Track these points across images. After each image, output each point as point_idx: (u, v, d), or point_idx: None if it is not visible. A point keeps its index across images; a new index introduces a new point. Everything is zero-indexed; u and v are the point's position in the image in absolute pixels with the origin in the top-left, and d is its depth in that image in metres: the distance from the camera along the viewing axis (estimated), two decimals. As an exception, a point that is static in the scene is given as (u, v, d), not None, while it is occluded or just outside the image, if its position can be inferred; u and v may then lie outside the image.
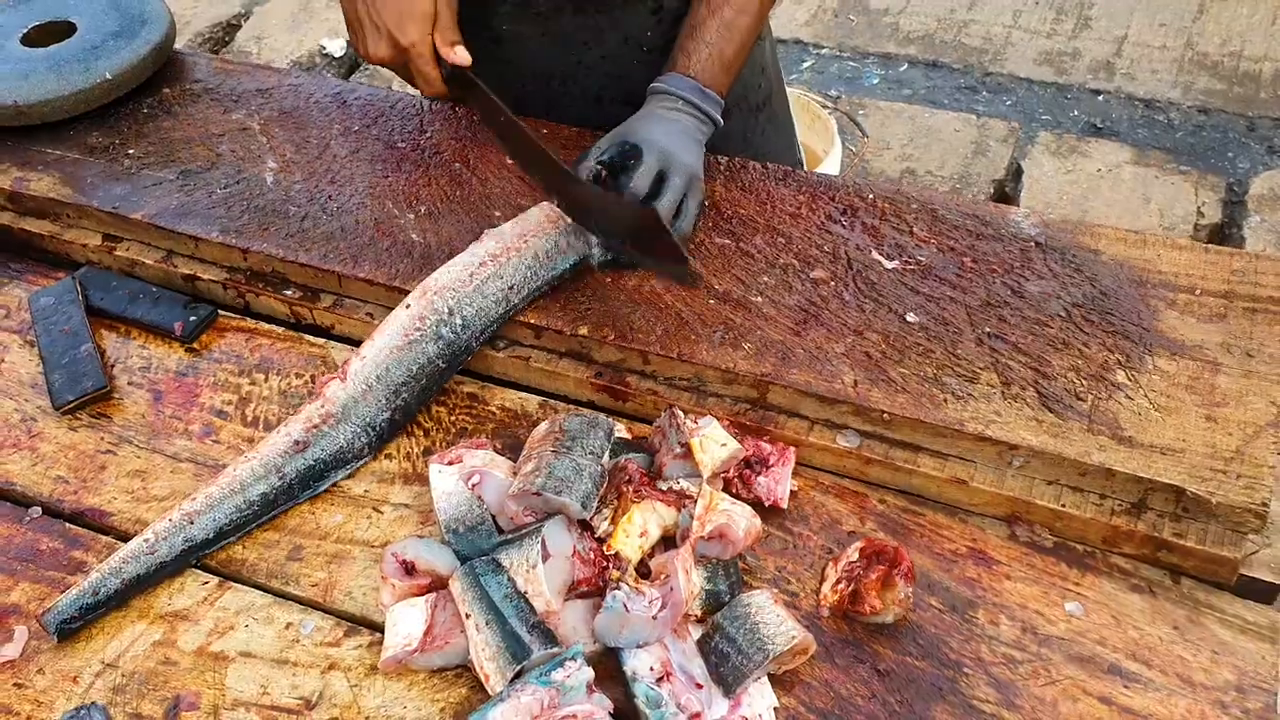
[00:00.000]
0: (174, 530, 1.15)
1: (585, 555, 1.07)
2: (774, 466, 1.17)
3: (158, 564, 1.13)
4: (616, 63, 1.55)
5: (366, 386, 1.25)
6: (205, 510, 1.16)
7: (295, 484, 1.20)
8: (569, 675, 0.97)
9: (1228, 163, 3.29)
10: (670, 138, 1.37)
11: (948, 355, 1.23)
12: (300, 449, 1.21)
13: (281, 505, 1.20)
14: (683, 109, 1.41)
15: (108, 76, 1.64)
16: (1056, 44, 3.80)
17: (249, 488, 1.18)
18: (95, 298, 1.44)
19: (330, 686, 1.04)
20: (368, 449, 1.24)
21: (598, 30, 1.54)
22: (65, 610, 1.09)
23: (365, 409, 1.24)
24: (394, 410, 1.25)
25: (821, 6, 4.08)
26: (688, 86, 1.41)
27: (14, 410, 1.33)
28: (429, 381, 1.27)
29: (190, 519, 1.16)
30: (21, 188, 1.55)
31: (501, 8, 1.54)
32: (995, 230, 1.38)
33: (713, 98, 1.42)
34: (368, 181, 1.51)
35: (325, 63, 4.00)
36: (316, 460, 1.21)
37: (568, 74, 1.59)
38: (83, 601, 1.10)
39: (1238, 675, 1.01)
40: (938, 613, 1.07)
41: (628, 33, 1.51)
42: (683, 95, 1.41)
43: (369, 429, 1.24)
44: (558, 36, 1.56)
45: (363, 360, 1.26)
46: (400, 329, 1.27)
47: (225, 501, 1.17)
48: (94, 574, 1.11)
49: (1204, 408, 1.15)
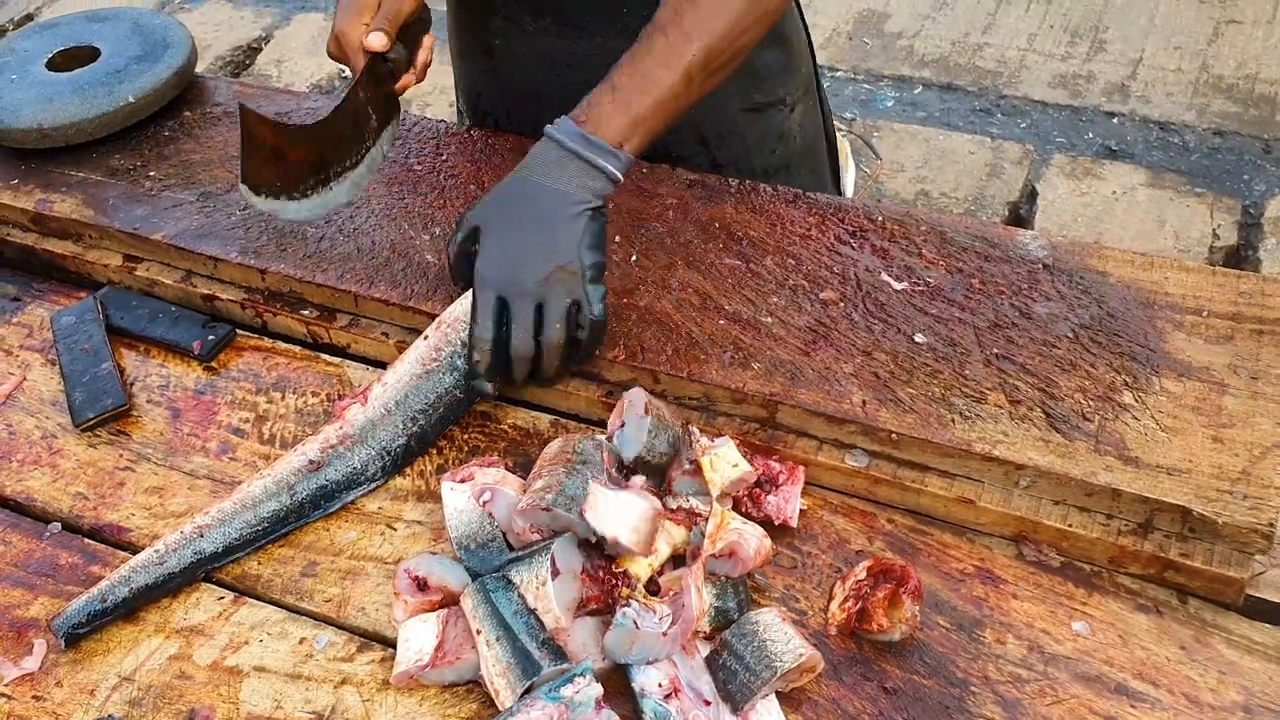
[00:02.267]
0: (184, 542, 1.17)
1: (594, 573, 1.08)
2: (783, 485, 1.18)
3: (166, 575, 1.15)
4: None
5: (386, 411, 1.26)
6: (216, 525, 1.18)
7: (306, 503, 1.22)
8: (578, 691, 0.98)
9: (1243, 185, 3.29)
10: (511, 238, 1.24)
11: (956, 376, 1.24)
12: (314, 469, 1.23)
13: (291, 524, 1.21)
14: (558, 160, 1.25)
15: (130, 100, 1.67)
16: (1071, 67, 3.81)
17: (260, 505, 1.20)
18: (115, 317, 1.47)
19: (343, 701, 1.05)
20: (381, 473, 1.25)
21: (581, 55, 1.54)
22: (73, 616, 1.11)
23: (383, 433, 1.25)
24: (410, 436, 1.27)
25: (836, 29, 4.11)
26: (571, 133, 1.25)
27: (35, 427, 1.35)
28: (446, 411, 1.29)
29: (200, 532, 1.17)
30: (45, 209, 1.58)
31: (493, 22, 1.57)
32: (1003, 252, 1.39)
33: (601, 145, 1.24)
34: (384, 203, 1.54)
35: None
36: (329, 481, 1.23)
37: (554, 94, 1.57)
38: (91, 608, 1.12)
39: (1245, 696, 1.01)
40: (945, 631, 1.08)
41: (608, 60, 1.47)
42: (564, 143, 1.25)
43: (385, 453, 1.25)
44: (544, 56, 1.57)
45: (384, 386, 1.28)
46: (419, 358, 1.29)
47: (236, 517, 1.19)
48: (103, 582, 1.13)
49: (1210, 429, 1.16)
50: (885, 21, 4.12)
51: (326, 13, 4.46)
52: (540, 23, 1.55)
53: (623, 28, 1.49)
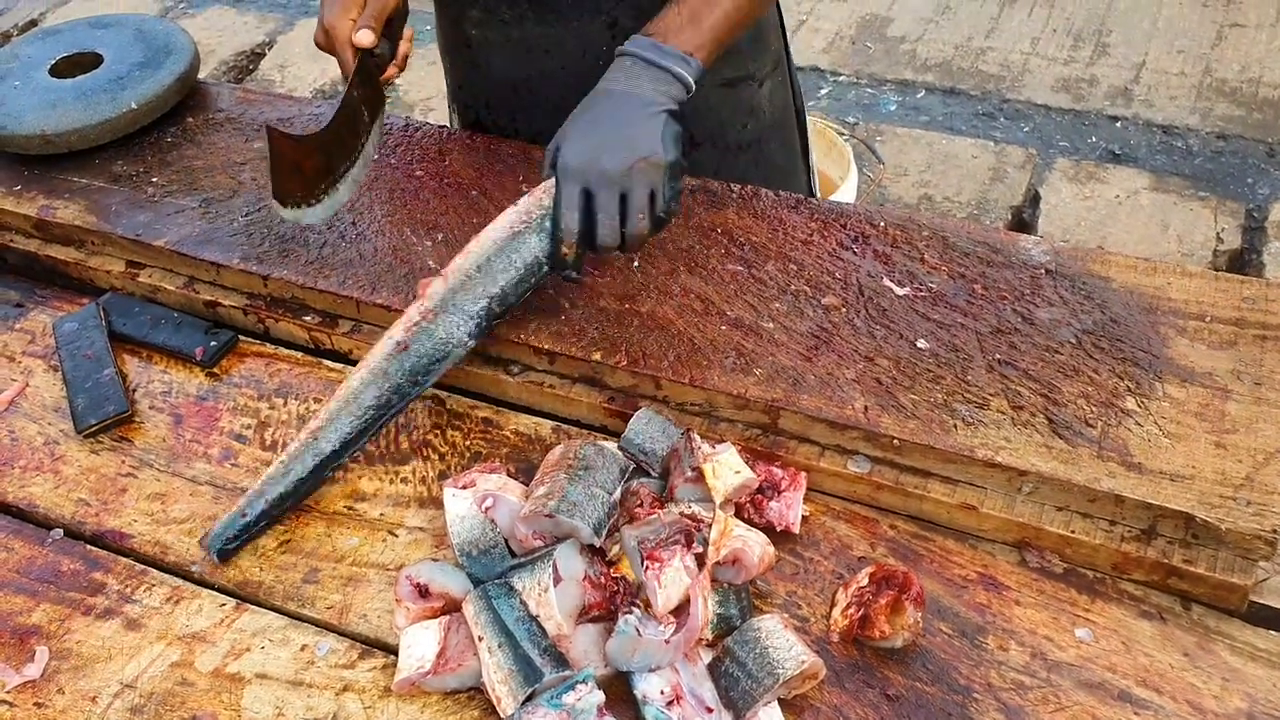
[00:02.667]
0: (303, 449, 1.23)
1: (596, 579, 1.08)
2: (785, 492, 1.18)
3: (295, 482, 1.22)
4: (576, 74, 1.53)
5: (466, 278, 1.28)
6: (327, 424, 1.24)
7: (403, 383, 1.26)
8: (580, 698, 0.98)
9: (1247, 189, 3.29)
10: (591, 138, 1.28)
11: (958, 382, 1.23)
12: (403, 349, 1.26)
13: (395, 406, 1.26)
14: (638, 71, 1.31)
15: (133, 106, 1.67)
16: (1074, 70, 3.81)
17: (360, 396, 1.25)
18: (118, 323, 1.47)
19: (345, 708, 1.05)
20: (468, 338, 1.28)
21: (558, 40, 1.56)
22: (222, 534, 1.19)
23: (464, 298, 1.28)
24: (491, 299, 1.28)
25: (839, 34, 4.11)
26: (644, 44, 1.32)
27: (37, 433, 1.36)
28: (527, 272, 1.29)
29: (315, 435, 1.23)
30: (48, 215, 1.58)
31: (471, 12, 1.58)
32: (1006, 257, 1.39)
33: (673, 54, 1.31)
34: (386, 209, 1.54)
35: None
36: (420, 357, 1.26)
37: (532, 82, 1.61)
38: (235, 524, 1.19)
39: (1249, 703, 1.01)
40: (947, 638, 1.08)
41: (586, 45, 1.51)
42: (636, 54, 1.32)
43: (468, 319, 1.28)
44: (521, 44, 1.59)
45: (465, 256, 1.29)
46: (507, 223, 1.30)
47: (343, 413, 1.24)
48: (241, 499, 1.20)
49: (1214, 435, 1.16)
50: (888, 26, 4.12)
51: (330, 18, 4.47)
52: (516, 10, 1.56)
53: (597, 10, 1.52)
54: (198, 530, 1.23)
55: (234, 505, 1.21)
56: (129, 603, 1.16)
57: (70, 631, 1.13)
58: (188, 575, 1.19)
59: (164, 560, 1.21)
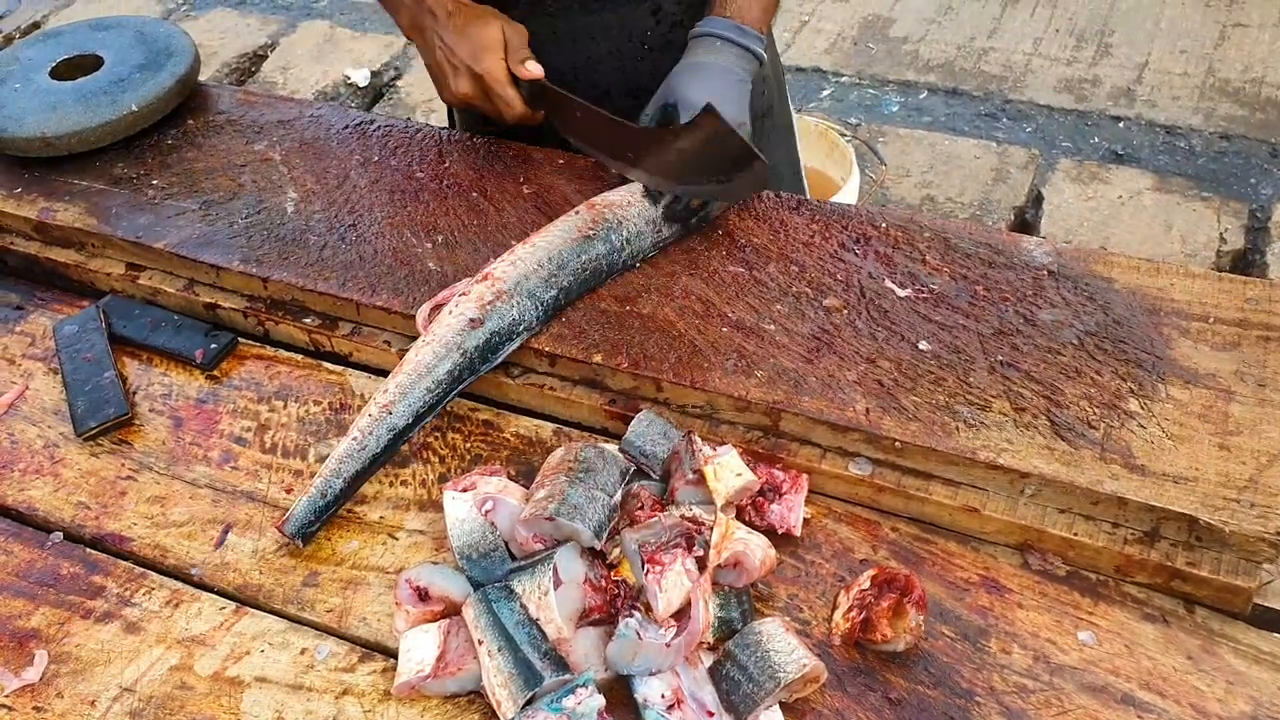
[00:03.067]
0: (376, 423, 1.25)
1: (597, 583, 1.08)
2: (787, 494, 1.18)
3: (370, 457, 1.24)
4: (622, 58, 1.63)
5: (537, 265, 1.35)
6: (399, 398, 1.26)
7: (476, 358, 1.29)
8: (580, 702, 0.98)
9: (1250, 189, 3.28)
10: (707, 88, 1.41)
11: (960, 383, 1.23)
12: (477, 325, 1.29)
13: (466, 379, 1.30)
14: (721, 48, 1.46)
15: (134, 109, 1.67)
16: (1077, 71, 3.80)
17: (435, 369, 1.27)
18: (118, 326, 1.47)
19: (344, 712, 1.05)
20: (536, 321, 1.33)
21: (604, 27, 1.62)
22: (302, 517, 1.19)
23: (533, 285, 1.33)
24: (559, 290, 1.35)
25: (841, 35, 4.11)
26: (725, 25, 1.46)
27: (37, 436, 1.35)
28: (590, 275, 1.38)
29: (388, 410, 1.25)
30: (48, 218, 1.58)
31: (513, 11, 1.58)
32: (1008, 258, 1.38)
33: (751, 33, 1.47)
34: (386, 211, 1.53)
35: (350, 92, 4.05)
36: (493, 333, 1.30)
37: (578, 69, 1.65)
38: (314, 506, 1.20)
39: (1253, 706, 1.00)
40: (950, 641, 1.07)
41: (631, 30, 1.61)
42: (721, 34, 1.46)
43: (538, 303, 1.33)
44: (567, 34, 1.63)
45: (532, 246, 1.37)
46: (571, 227, 1.39)
47: (416, 386, 1.27)
48: (318, 480, 1.21)
49: (1217, 436, 1.15)
50: (890, 27, 4.12)
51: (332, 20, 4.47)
52: (562, 1, 1.61)
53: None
54: (197, 533, 1.22)
55: (310, 488, 1.21)
56: (128, 606, 1.15)
57: (69, 635, 1.13)
58: (187, 578, 1.19)
59: (163, 563, 1.20)
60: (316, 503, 1.21)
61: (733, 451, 1.15)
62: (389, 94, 4.06)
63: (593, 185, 1.54)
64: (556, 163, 1.60)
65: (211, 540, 1.22)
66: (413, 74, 4.14)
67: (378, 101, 4.03)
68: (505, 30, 1.47)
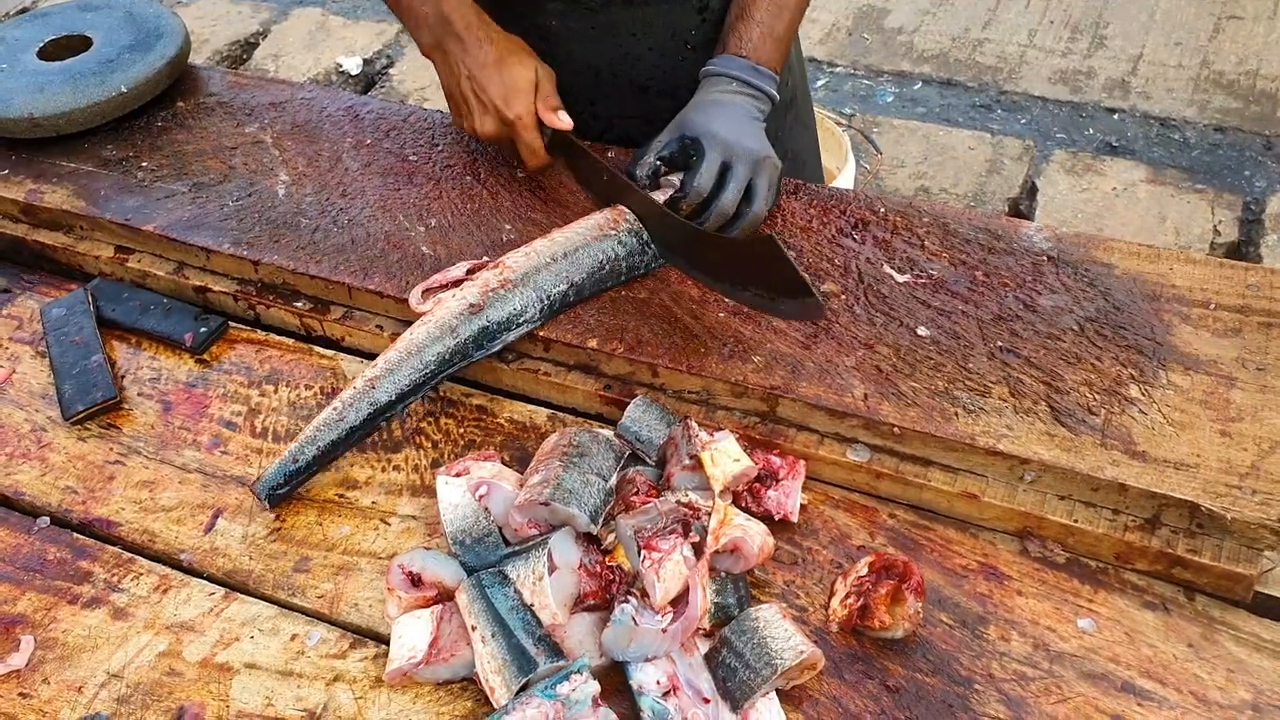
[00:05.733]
0: (359, 397, 1.24)
1: (592, 568, 1.06)
2: (784, 480, 1.17)
3: (347, 430, 1.23)
4: (663, 55, 1.58)
5: (551, 259, 1.33)
6: (385, 375, 1.25)
7: (469, 343, 1.28)
8: (575, 689, 0.96)
9: (1244, 181, 3.27)
10: (729, 125, 1.37)
11: (959, 369, 1.22)
12: (475, 311, 1.28)
13: (456, 364, 1.28)
14: (737, 90, 1.42)
15: (123, 90, 1.65)
16: (1071, 63, 3.79)
17: (425, 349, 1.26)
18: (107, 309, 1.45)
19: (335, 699, 1.03)
20: (539, 315, 1.31)
21: (646, 22, 1.57)
22: (272, 479, 1.19)
23: (545, 279, 1.31)
24: (571, 286, 1.32)
25: (836, 25, 4.09)
26: (740, 66, 1.42)
27: (24, 420, 1.33)
28: (606, 275, 1.35)
29: (372, 384, 1.25)
30: (35, 200, 1.56)
31: (550, 4, 1.55)
32: (1007, 244, 1.37)
33: (766, 74, 1.43)
34: (379, 194, 1.52)
35: (341, 80, 4.02)
36: (490, 322, 1.29)
37: (616, 66, 1.61)
38: (285, 469, 1.20)
39: (1254, 694, 1.00)
40: (948, 628, 1.06)
41: (675, 27, 1.55)
42: (736, 75, 1.42)
43: (545, 298, 1.31)
44: (607, 28, 1.57)
45: (550, 241, 1.35)
46: (590, 225, 1.38)
47: (403, 364, 1.26)
48: (293, 445, 1.21)
49: (1219, 423, 1.14)
50: (885, 17, 4.10)
51: (324, 7, 4.44)
52: None
53: None
54: (186, 518, 1.21)
55: (283, 452, 1.21)
56: (116, 592, 1.14)
57: (56, 620, 1.11)
58: (176, 564, 1.17)
59: (152, 548, 1.19)
60: (288, 466, 1.20)
61: (730, 437, 1.14)
62: (381, 82, 4.03)
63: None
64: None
65: (201, 525, 1.20)
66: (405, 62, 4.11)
67: (370, 89, 4.00)
68: (538, 72, 1.44)
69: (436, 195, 1.51)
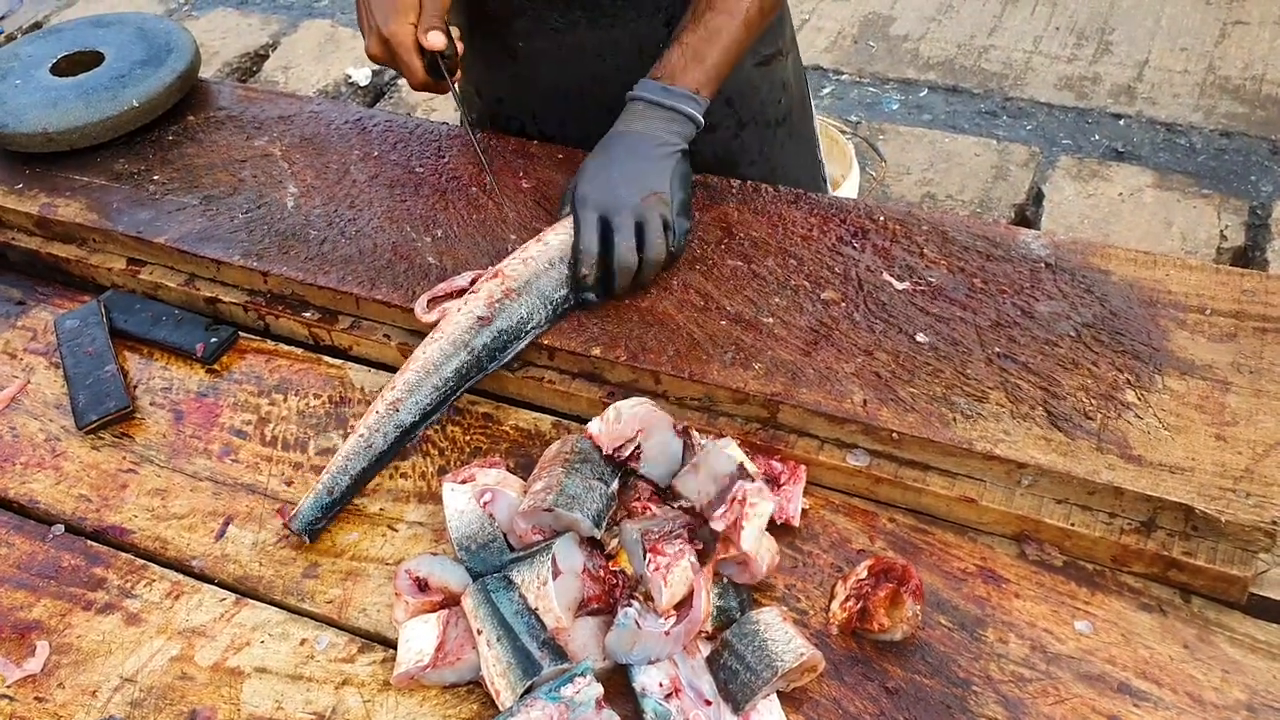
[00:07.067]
0: (383, 421, 1.26)
1: (595, 573, 1.08)
2: (785, 485, 1.18)
3: (376, 455, 1.25)
4: (631, 73, 1.53)
5: (549, 264, 1.35)
6: (407, 396, 1.27)
7: (483, 356, 1.30)
8: (578, 691, 0.98)
9: (1250, 186, 3.28)
10: (600, 177, 1.36)
11: (957, 375, 1.23)
12: (486, 323, 1.30)
13: (473, 378, 1.30)
14: (647, 112, 1.40)
15: (135, 104, 1.67)
16: (1077, 69, 3.80)
17: (442, 366, 1.28)
18: (119, 320, 1.47)
19: (344, 702, 1.05)
20: (545, 320, 1.33)
21: (613, 42, 1.57)
22: (308, 514, 1.20)
23: (545, 284, 1.34)
24: (570, 289, 1.35)
25: (841, 33, 4.11)
26: (652, 88, 1.41)
27: (39, 430, 1.36)
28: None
29: (395, 407, 1.26)
30: (49, 213, 1.58)
31: (517, 24, 1.56)
32: (1005, 251, 1.38)
33: (679, 93, 1.39)
34: (386, 206, 1.54)
35: (351, 91, 4.05)
36: (501, 331, 1.31)
37: (584, 87, 1.61)
38: (321, 503, 1.21)
39: (1249, 695, 1.01)
40: (946, 631, 1.07)
41: (642, 44, 1.54)
42: (644, 98, 1.40)
43: (547, 302, 1.33)
44: (574, 50, 1.58)
45: (544, 245, 1.37)
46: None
47: (423, 383, 1.27)
48: (325, 477, 1.22)
49: (1214, 427, 1.15)
50: (890, 24, 4.12)
51: (334, 19, 4.48)
52: (570, 17, 1.56)
53: (656, 8, 1.54)
54: (198, 525, 1.23)
55: (316, 484, 1.22)
56: (129, 598, 1.16)
57: (70, 626, 1.14)
58: (188, 570, 1.19)
59: (164, 555, 1.21)
60: (323, 499, 1.21)
61: (733, 444, 1.15)
62: (390, 93, 4.06)
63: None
64: (556, 158, 1.60)
65: (212, 532, 1.22)
66: (414, 73, 4.14)
67: (379, 100, 4.04)
68: None
69: (443, 206, 1.53)
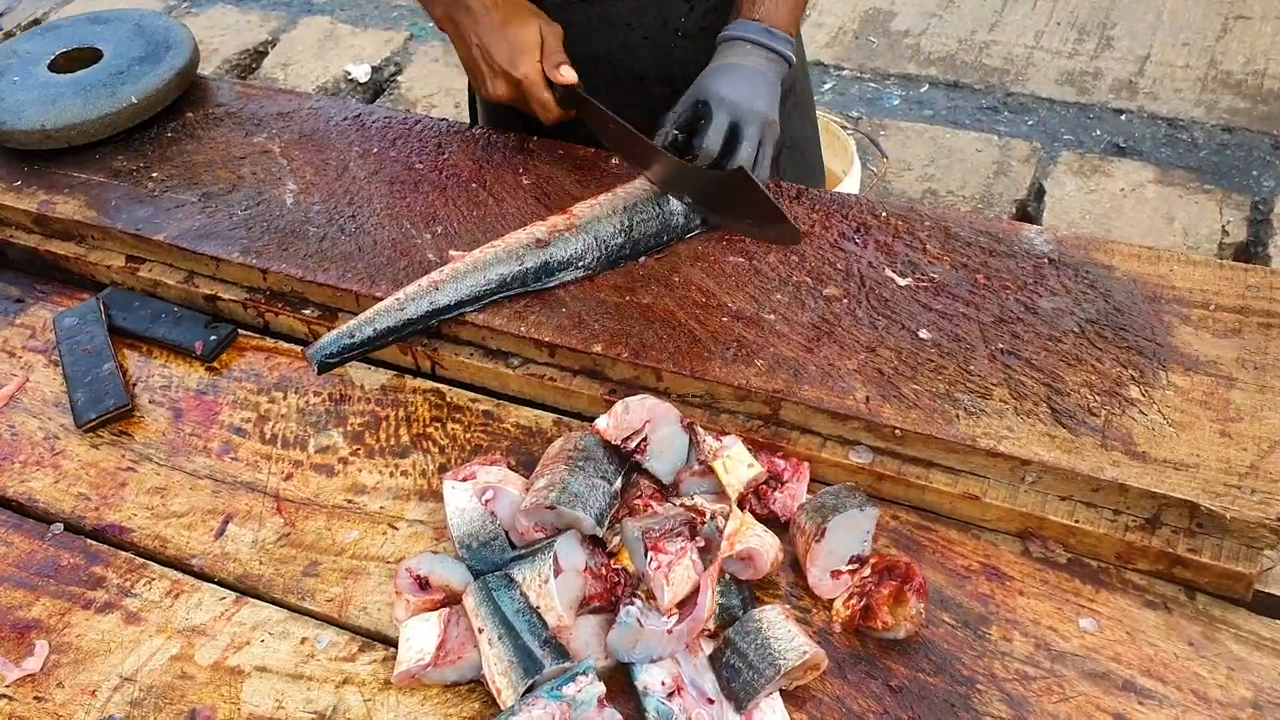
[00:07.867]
0: (421, 294, 1.33)
1: (597, 571, 1.08)
2: (788, 483, 1.18)
3: (404, 320, 1.32)
4: (657, 44, 1.63)
5: (612, 211, 1.42)
6: (450, 280, 1.34)
7: (529, 274, 1.37)
8: (580, 690, 0.97)
9: (1252, 181, 3.27)
10: (739, 88, 1.42)
11: (960, 371, 1.23)
12: (541, 246, 1.38)
13: (514, 289, 1.36)
14: (752, 51, 1.46)
15: (133, 101, 1.67)
16: (1078, 64, 3.79)
17: (490, 267, 1.35)
18: (118, 318, 1.47)
19: (344, 701, 1.05)
20: (595, 262, 1.39)
21: (640, 12, 1.62)
22: (327, 346, 1.29)
23: (604, 228, 1.40)
24: (627, 238, 1.41)
25: (842, 28, 4.10)
26: (755, 29, 1.47)
27: (38, 428, 1.35)
28: (660, 231, 1.43)
29: (436, 286, 1.34)
30: (48, 210, 1.58)
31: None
32: (1008, 247, 1.38)
33: (781, 36, 1.47)
34: (385, 202, 1.53)
35: (350, 88, 4.04)
36: (551, 259, 1.38)
37: (614, 55, 1.65)
38: (341, 341, 1.30)
39: (1254, 692, 1.00)
40: (950, 629, 1.07)
41: (666, 16, 1.61)
42: (750, 38, 1.46)
43: (601, 245, 1.39)
44: (603, 19, 1.62)
45: (614, 195, 1.45)
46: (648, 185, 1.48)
47: (468, 276, 1.35)
48: (351, 321, 1.30)
49: (1218, 423, 1.15)
50: (891, 20, 4.11)
51: (333, 15, 4.47)
52: None
53: None
54: (198, 524, 1.22)
55: (341, 325, 1.30)
56: (129, 596, 1.15)
57: (70, 625, 1.13)
58: (187, 569, 1.19)
59: (164, 554, 1.20)
60: (344, 338, 1.29)
61: (739, 443, 1.15)
62: (389, 89, 4.05)
63: (592, 175, 1.54)
64: (555, 153, 1.60)
65: (211, 531, 1.22)
66: (413, 69, 4.14)
67: (378, 97, 4.03)
68: (543, 30, 1.47)
69: (442, 203, 1.52)
